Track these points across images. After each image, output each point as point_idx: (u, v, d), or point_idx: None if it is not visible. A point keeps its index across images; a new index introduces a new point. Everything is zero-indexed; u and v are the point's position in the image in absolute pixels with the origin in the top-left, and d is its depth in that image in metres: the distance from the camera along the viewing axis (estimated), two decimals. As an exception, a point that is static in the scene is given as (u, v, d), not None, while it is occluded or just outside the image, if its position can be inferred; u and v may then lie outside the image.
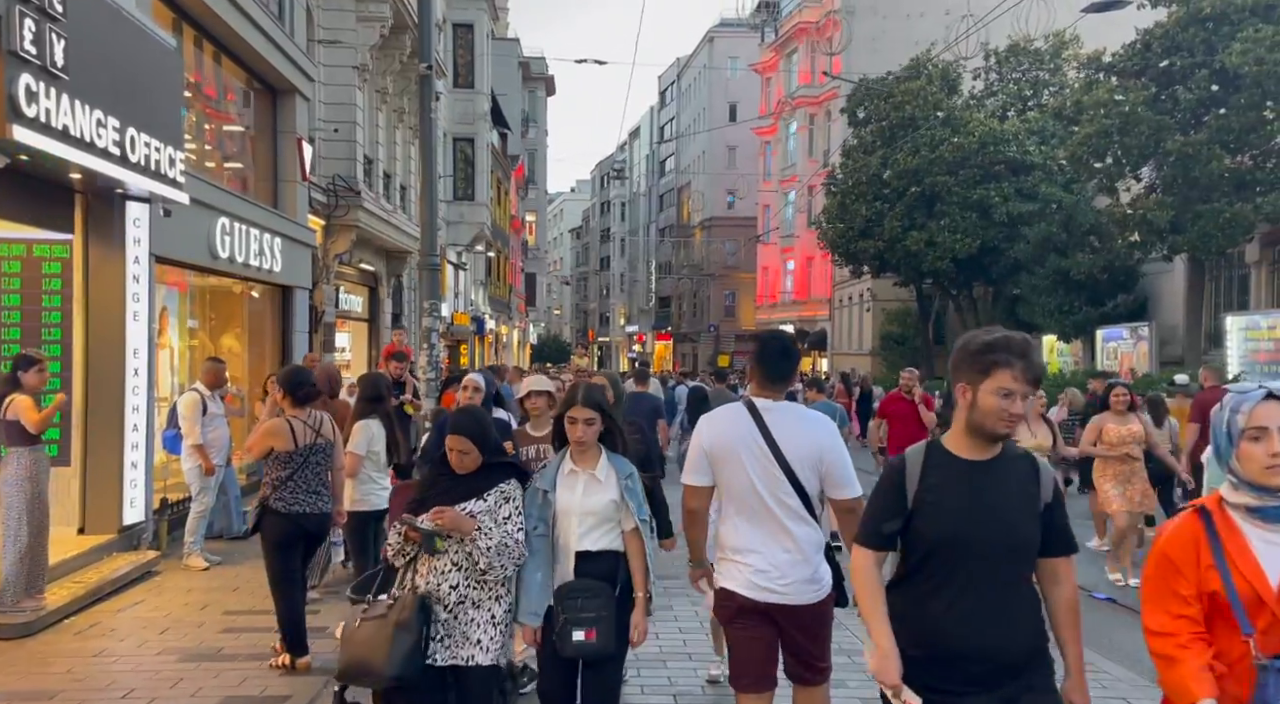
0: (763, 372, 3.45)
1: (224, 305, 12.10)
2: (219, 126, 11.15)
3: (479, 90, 27.34)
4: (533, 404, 4.91)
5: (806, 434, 3.36)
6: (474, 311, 30.81)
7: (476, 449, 3.43)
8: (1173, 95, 18.40)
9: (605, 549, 3.55)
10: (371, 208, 15.68)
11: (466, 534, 3.37)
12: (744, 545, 3.32)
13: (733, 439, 3.36)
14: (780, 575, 3.26)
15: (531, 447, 4.85)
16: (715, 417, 3.51)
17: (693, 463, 3.47)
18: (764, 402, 3.41)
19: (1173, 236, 18.47)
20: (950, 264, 26.89)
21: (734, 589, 3.32)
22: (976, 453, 2.55)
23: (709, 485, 3.44)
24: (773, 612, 3.28)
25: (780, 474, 3.29)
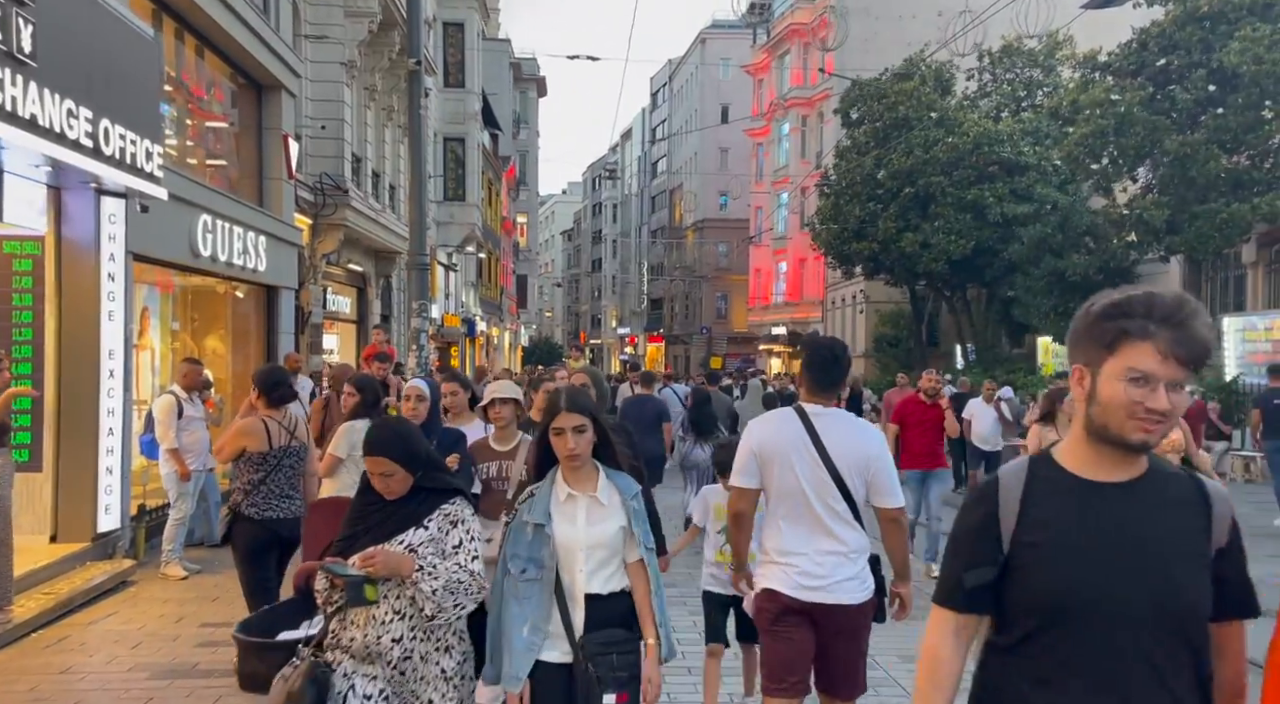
0: (812, 378, 3.49)
1: (207, 306, 11.82)
2: (201, 122, 10.88)
3: (470, 90, 27.07)
4: (497, 414, 4.42)
5: (856, 441, 3.42)
6: (464, 313, 30.52)
7: (401, 469, 2.81)
8: (1169, 95, 18.27)
9: (619, 590, 2.97)
10: (360, 207, 15.41)
11: (407, 577, 2.74)
12: (790, 547, 3.36)
13: (782, 442, 3.40)
14: (825, 574, 3.31)
15: (493, 463, 4.38)
16: (765, 420, 3.57)
17: (742, 465, 3.47)
18: (814, 407, 3.47)
19: (1169, 237, 18.34)
20: (944, 265, 26.72)
21: (779, 589, 3.35)
22: (1106, 471, 1.73)
23: (757, 488, 3.47)
24: (815, 612, 3.32)
25: (828, 479, 3.34)
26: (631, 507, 3.00)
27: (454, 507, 2.89)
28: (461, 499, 2.92)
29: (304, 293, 14.56)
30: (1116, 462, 1.74)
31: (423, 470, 2.86)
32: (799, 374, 3.64)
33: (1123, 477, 1.73)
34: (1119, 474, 1.74)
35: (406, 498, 2.85)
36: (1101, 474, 1.74)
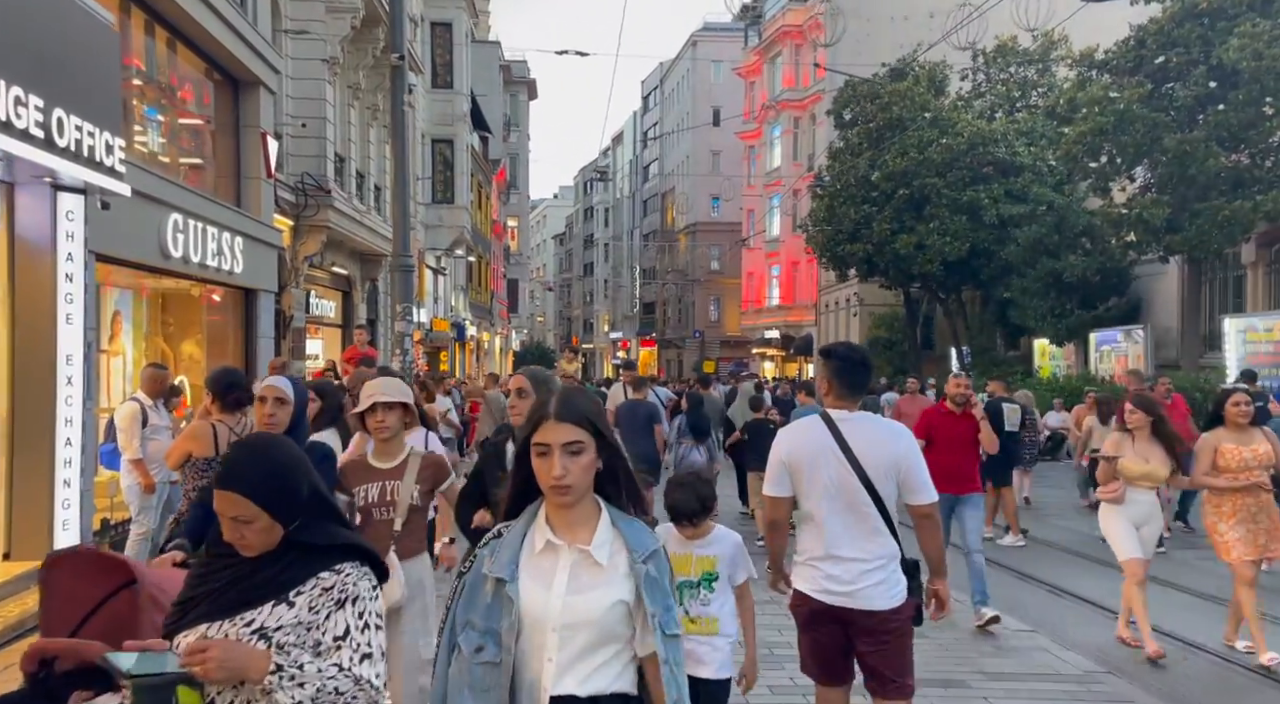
0: (842, 383, 3.52)
1: (183, 309, 11.41)
2: (174, 119, 10.48)
3: (458, 91, 26.70)
4: (378, 422, 3.61)
5: (883, 443, 3.44)
6: (454, 317, 30.11)
7: (266, 514, 1.89)
8: (1168, 92, 18.03)
9: (611, 693, 1.96)
10: (343, 208, 15.02)
11: (253, 680, 1.82)
12: (820, 552, 3.41)
13: (809, 450, 3.45)
14: (850, 580, 3.35)
15: (372, 485, 3.68)
16: (793, 429, 3.66)
17: (774, 475, 3.53)
18: (839, 413, 3.50)
19: (1169, 236, 18.06)
20: (940, 267, 26.44)
21: (807, 592, 3.45)
22: None
23: (789, 496, 3.52)
24: (842, 616, 3.38)
25: (857, 484, 3.36)
26: (644, 572, 1.96)
27: (342, 576, 1.94)
28: (357, 566, 1.97)
29: (285, 296, 14.15)
30: None
31: (300, 518, 1.93)
32: (823, 380, 3.62)
33: None
34: None
35: (270, 557, 1.92)
36: None
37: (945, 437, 6.58)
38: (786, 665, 5.25)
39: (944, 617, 3.75)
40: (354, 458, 3.88)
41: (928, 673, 5.38)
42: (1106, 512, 6.12)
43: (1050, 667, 5.52)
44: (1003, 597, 7.52)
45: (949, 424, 6.69)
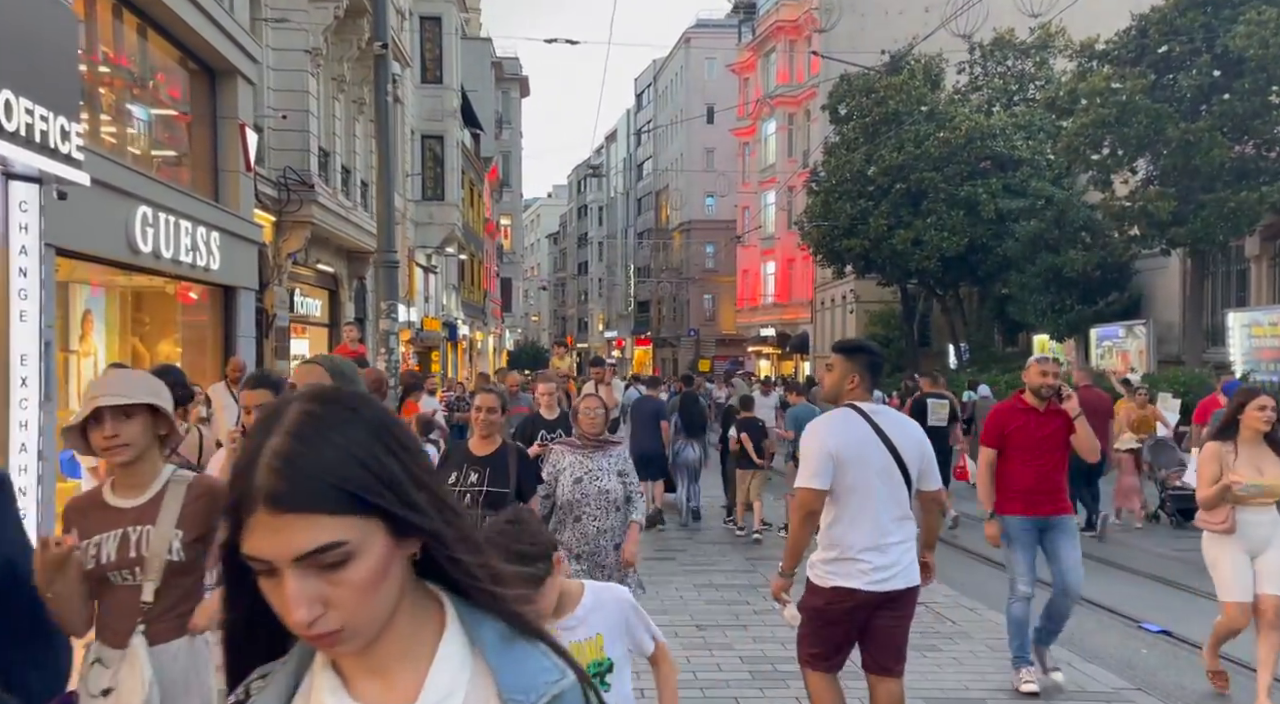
0: (870, 377, 3.69)
1: (159, 308, 10.99)
2: (145, 108, 10.04)
3: (448, 86, 26.26)
4: (106, 440, 2.45)
5: (911, 433, 3.67)
6: (445, 316, 29.67)
7: None
8: (1171, 82, 17.69)
9: None
10: (327, 203, 14.58)
11: None
12: (866, 543, 3.49)
13: (857, 442, 3.54)
14: (893, 562, 3.50)
15: (109, 535, 2.47)
16: (830, 423, 3.68)
17: (818, 467, 3.52)
18: (870, 406, 3.65)
19: (1173, 229, 17.71)
20: (937, 263, 26.11)
21: (857, 587, 3.49)
22: None
23: (828, 489, 3.54)
24: (884, 600, 3.50)
25: (898, 473, 3.54)
26: None
27: None
28: None
29: (268, 294, 13.73)
30: None
31: None
32: (851, 375, 3.66)
33: None
34: None
35: None
36: None
37: (1026, 442, 4.99)
38: (791, 683, 4.88)
39: (932, 581, 3.98)
40: (84, 496, 2.68)
41: (941, 690, 5.00)
42: (1214, 543, 4.83)
43: (1074, 682, 5.14)
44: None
45: (1032, 425, 5.02)
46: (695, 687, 5.06)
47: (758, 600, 7.00)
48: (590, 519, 4.51)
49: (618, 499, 4.58)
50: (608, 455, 4.66)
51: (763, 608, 6.77)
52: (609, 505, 4.53)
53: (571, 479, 4.53)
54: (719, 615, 6.66)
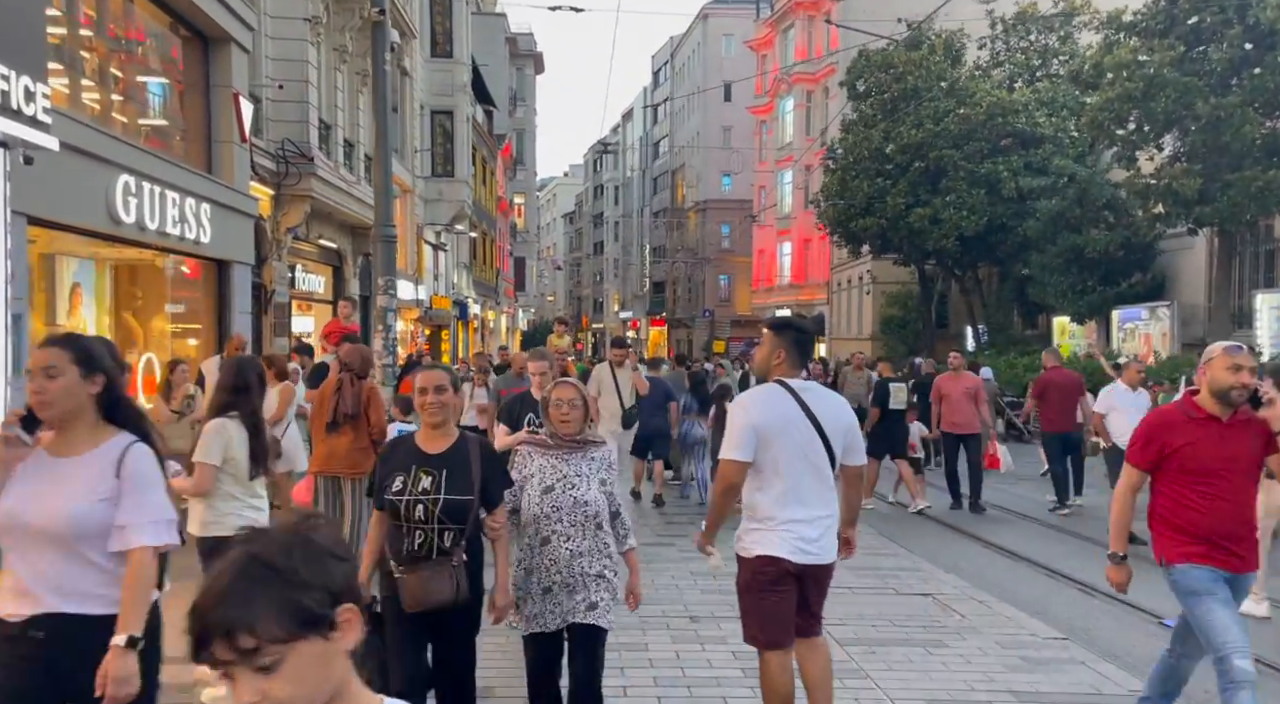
0: (798, 354, 3.71)
1: (152, 282, 10.74)
2: (132, 76, 9.74)
3: (458, 60, 25.84)
4: None
5: (837, 409, 3.71)
6: (456, 295, 29.41)
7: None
8: (1202, 55, 17.04)
9: None
10: (328, 177, 14.28)
11: None
12: (790, 515, 3.54)
13: (782, 416, 3.58)
14: (817, 537, 3.56)
15: None
16: (756, 397, 3.72)
17: (741, 440, 3.57)
18: (796, 382, 3.66)
19: (1200, 207, 17.12)
20: (956, 242, 25.55)
21: (780, 555, 3.54)
22: None
23: (751, 461, 3.58)
24: (805, 573, 3.55)
25: (821, 448, 3.58)
26: None
27: None
28: None
29: (266, 270, 13.48)
30: None
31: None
32: (778, 350, 3.69)
33: None
34: None
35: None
36: None
37: (1204, 464, 3.63)
38: None
39: (852, 555, 4.00)
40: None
41: (947, 691, 4.68)
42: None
43: (1091, 685, 4.79)
44: (1025, 597, 6.80)
45: (1212, 441, 3.64)
46: (683, 684, 4.76)
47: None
48: (562, 540, 3.52)
49: (598, 514, 3.58)
50: (588, 459, 3.63)
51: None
52: (586, 522, 3.54)
53: (540, 488, 3.55)
54: (715, 605, 6.35)
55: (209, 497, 4.14)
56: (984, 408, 10.15)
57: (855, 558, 7.76)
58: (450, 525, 3.31)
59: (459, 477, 3.32)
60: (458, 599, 3.28)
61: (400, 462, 3.37)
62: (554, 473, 3.58)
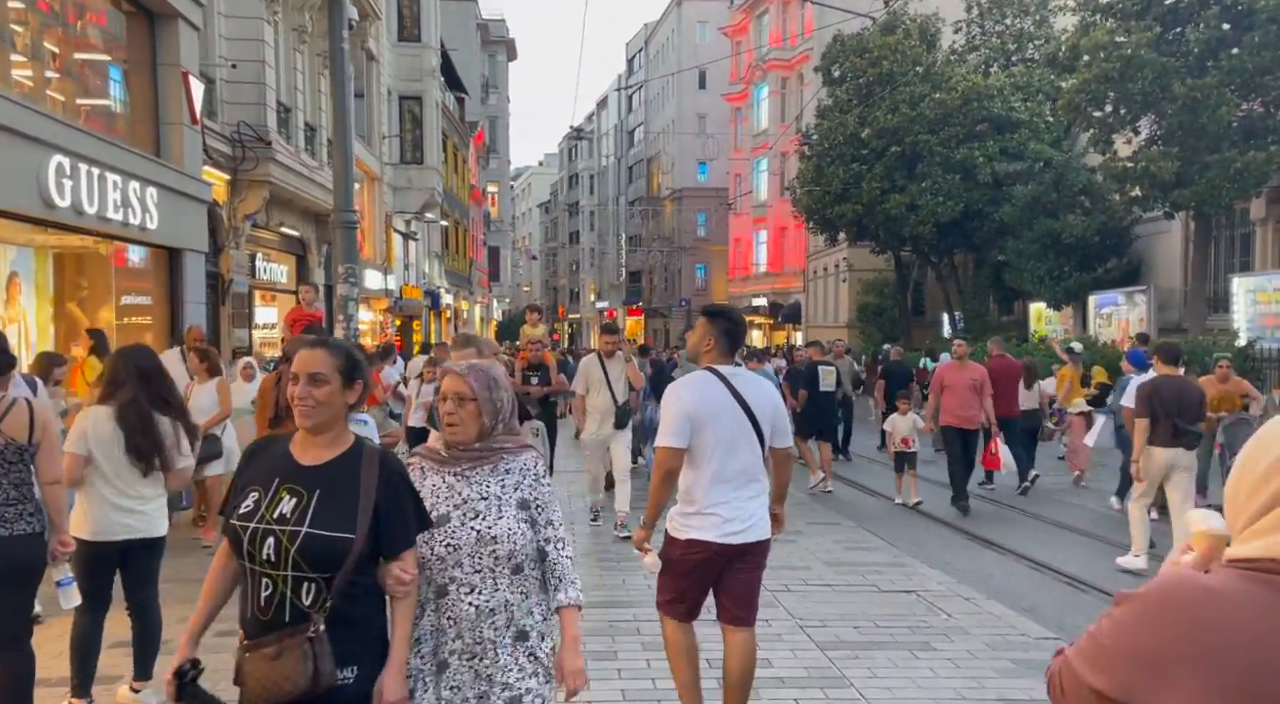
0: (728, 342, 3.80)
1: (98, 271, 10.22)
2: (69, 52, 9.21)
3: (427, 44, 25.27)
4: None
5: (765, 394, 3.79)
6: (427, 285, 28.87)
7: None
8: (1179, 36, 16.85)
9: None
10: (287, 162, 13.76)
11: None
12: (718, 499, 3.63)
13: (714, 402, 3.67)
14: (746, 517, 3.65)
15: None
16: (688, 385, 3.75)
17: (676, 427, 3.62)
18: (726, 368, 3.76)
19: (1177, 191, 16.96)
20: (932, 229, 25.37)
21: (710, 539, 3.63)
22: None
23: (686, 448, 3.64)
24: (734, 552, 3.65)
25: (752, 432, 3.68)
26: None
27: None
28: None
29: (224, 258, 12.97)
30: None
31: None
32: (708, 338, 3.79)
33: None
34: None
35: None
36: None
37: None
38: (762, 693, 4.23)
39: (781, 532, 4.01)
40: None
41: (935, 699, 4.35)
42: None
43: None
44: (1013, 593, 6.52)
45: None
46: (653, 698, 4.41)
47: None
48: (463, 591, 2.47)
49: (516, 552, 2.50)
50: (499, 475, 2.56)
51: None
52: (497, 565, 2.49)
53: (433, 516, 2.51)
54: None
55: (86, 496, 3.84)
56: (989, 401, 9.53)
57: (835, 553, 7.56)
58: (310, 574, 2.20)
59: (336, 503, 2.26)
60: (315, 692, 2.17)
61: (261, 471, 2.35)
62: (450, 496, 2.52)
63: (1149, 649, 1.15)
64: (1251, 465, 1.22)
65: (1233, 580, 1.16)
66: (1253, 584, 1.14)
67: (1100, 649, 1.22)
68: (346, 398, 2.35)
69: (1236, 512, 1.23)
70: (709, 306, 4.03)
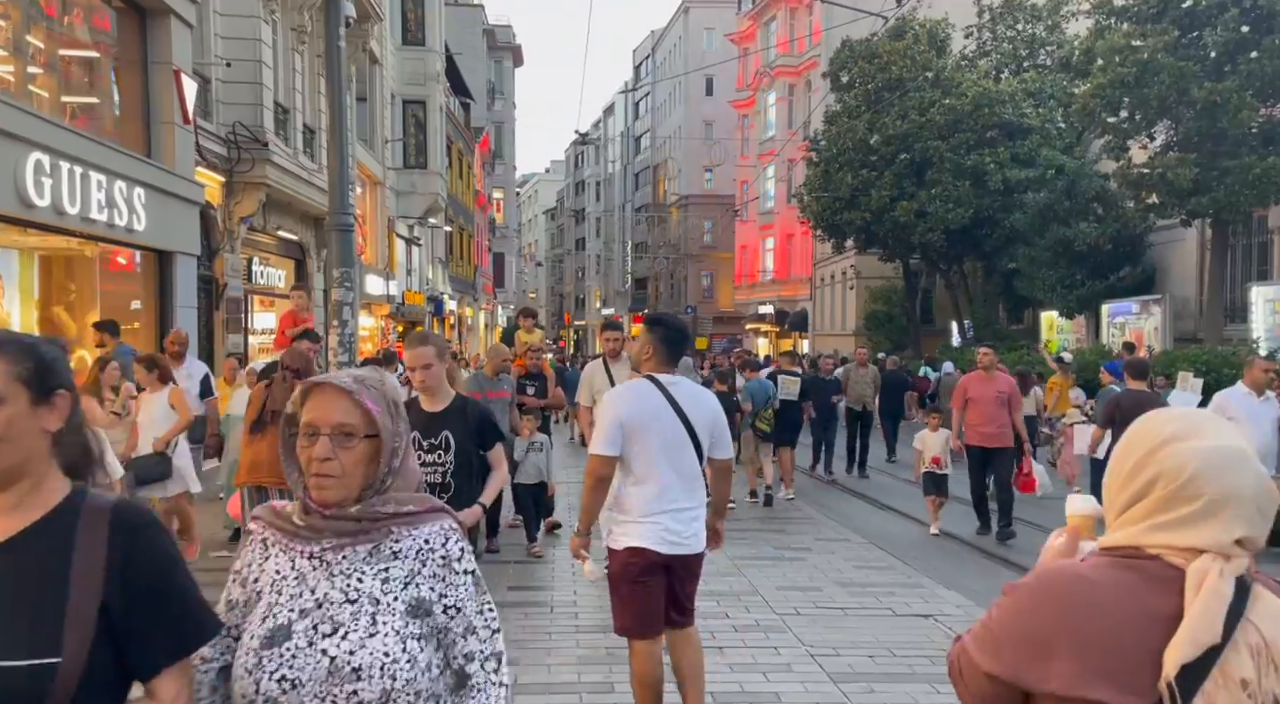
0: (667, 351, 3.74)
1: (86, 274, 9.94)
2: (54, 48, 8.92)
3: (431, 48, 25.02)
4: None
5: (704, 404, 3.76)
6: (430, 290, 28.58)
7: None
8: (1197, 40, 16.49)
9: None
10: (284, 163, 13.47)
11: None
12: (656, 508, 3.61)
13: (650, 411, 3.63)
14: (682, 528, 3.65)
15: None
16: (626, 392, 3.76)
17: (608, 436, 3.61)
18: (666, 377, 3.72)
19: (1196, 198, 16.57)
20: (942, 236, 25.00)
21: (646, 546, 3.60)
22: None
23: (618, 456, 3.64)
24: (674, 563, 3.65)
25: (688, 441, 3.67)
26: None
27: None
28: None
29: (218, 261, 12.67)
30: None
31: None
32: (647, 346, 3.75)
33: None
34: None
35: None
36: None
37: None
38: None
39: (720, 546, 4.06)
40: None
41: None
42: None
43: None
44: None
45: None
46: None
47: (740, 612, 6.00)
48: None
49: (396, 695, 1.50)
50: (380, 558, 1.60)
51: (745, 623, 5.77)
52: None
53: (263, 628, 1.55)
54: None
55: None
56: (1018, 415, 8.55)
57: (847, 572, 7.17)
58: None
59: (23, 607, 1.36)
60: None
61: None
62: (296, 594, 1.57)
63: (1032, 634, 1.27)
64: (1122, 461, 1.34)
65: (1102, 568, 1.29)
66: (1119, 570, 1.28)
67: (991, 636, 1.33)
68: (41, 423, 1.42)
69: (1109, 503, 1.35)
70: (649, 314, 4.03)
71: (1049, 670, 1.25)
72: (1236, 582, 1.22)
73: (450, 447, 3.94)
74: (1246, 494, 1.26)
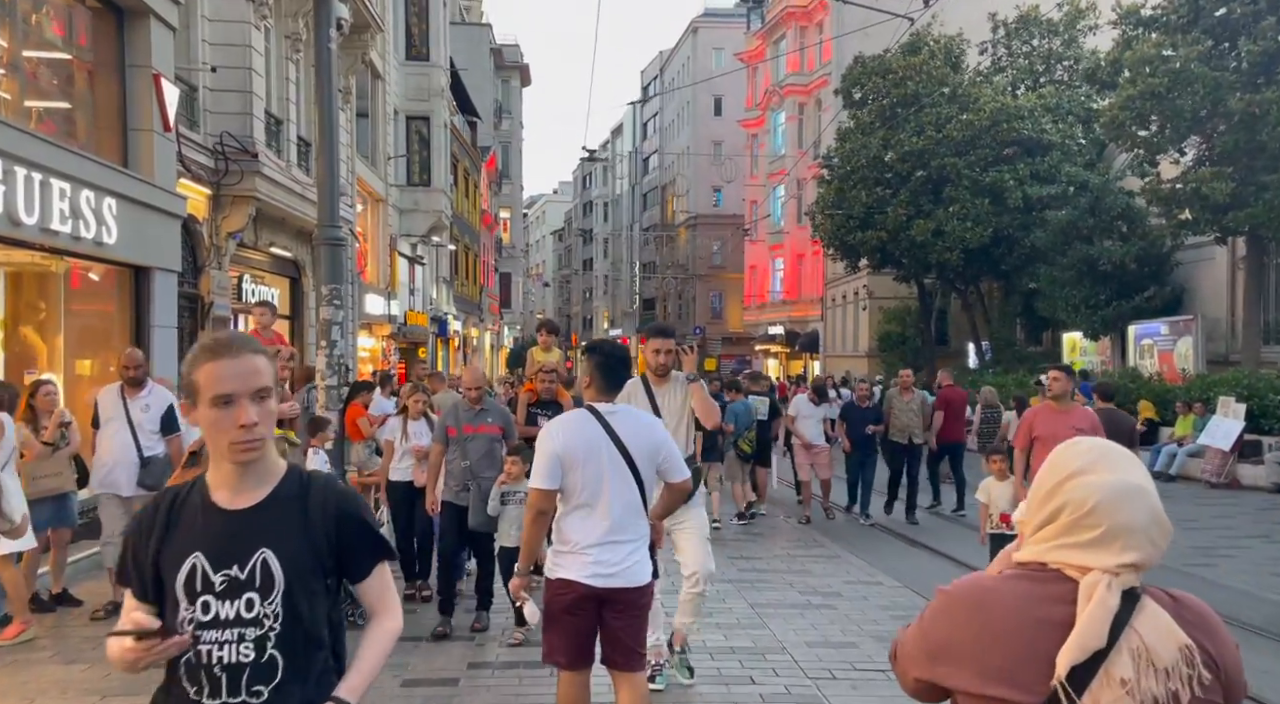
0: (605, 379, 3.71)
1: (52, 292, 9.26)
2: (17, 48, 8.28)
3: (435, 63, 24.50)
4: None
5: (646, 433, 3.67)
6: (434, 311, 27.92)
7: None
8: (1229, 49, 15.80)
9: None
10: (276, 177, 12.82)
11: None
12: (589, 541, 3.54)
13: (584, 443, 3.57)
14: (619, 561, 3.56)
15: None
16: (563, 424, 3.68)
17: (546, 469, 3.55)
18: (605, 406, 3.68)
19: (1232, 213, 15.82)
20: (960, 255, 24.27)
21: (576, 579, 3.53)
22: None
23: (558, 489, 3.57)
24: (606, 596, 3.55)
25: (627, 471, 3.58)
26: None
27: None
28: None
29: (203, 279, 12.00)
30: None
31: None
32: (585, 375, 3.75)
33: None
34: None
35: None
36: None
37: None
38: None
39: (660, 546, 4.15)
40: None
41: None
42: None
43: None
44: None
45: None
46: None
47: (768, 676, 5.22)
48: None
49: None
50: None
51: (774, 692, 4.99)
52: None
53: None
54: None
55: None
56: None
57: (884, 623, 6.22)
58: None
59: None
60: None
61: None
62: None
63: (944, 637, 1.47)
64: (1043, 482, 1.49)
65: (1009, 580, 1.47)
66: (1024, 582, 1.45)
67: (917, 635, 1.53)
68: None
69: (1028, 520, 1.51)
70: (590, 342, 3.92)
71: (955, 672, 1.44)
72: (1126, 593, 1.38)
73: (272, 582, 1.85)
74: (1138, 526, 1.41)
